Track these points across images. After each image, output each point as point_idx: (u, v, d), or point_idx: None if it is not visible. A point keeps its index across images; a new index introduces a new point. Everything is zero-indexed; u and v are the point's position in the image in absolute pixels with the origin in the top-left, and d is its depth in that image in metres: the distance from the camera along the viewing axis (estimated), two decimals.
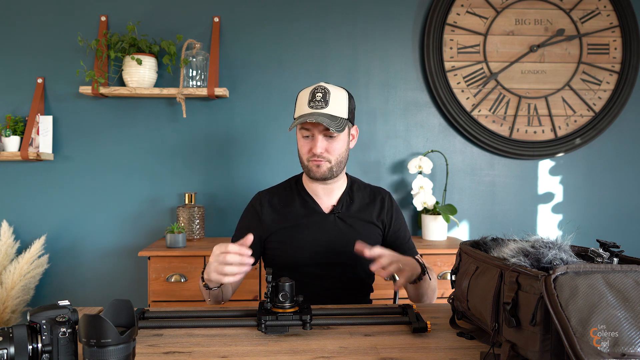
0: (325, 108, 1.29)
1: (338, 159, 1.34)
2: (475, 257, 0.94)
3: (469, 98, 2.36)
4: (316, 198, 1.41)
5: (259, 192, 1.48)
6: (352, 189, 1.45)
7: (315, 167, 1.33)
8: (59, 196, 2.28)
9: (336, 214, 1.39)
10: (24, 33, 2.28)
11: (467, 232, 2.42)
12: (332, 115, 1.29)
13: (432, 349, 0.92)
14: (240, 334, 1.00)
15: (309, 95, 1.31)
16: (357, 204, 1.43)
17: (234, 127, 2.33)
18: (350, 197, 1.43)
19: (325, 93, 1.30)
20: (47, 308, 0.77)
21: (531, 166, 2.43)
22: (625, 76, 2.37)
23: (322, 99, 1.30)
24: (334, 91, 1.32)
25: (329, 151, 1.33)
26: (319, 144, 1.31)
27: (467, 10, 2.36)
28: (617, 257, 0.79)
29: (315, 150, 1.31)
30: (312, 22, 2.35)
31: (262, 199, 1.43)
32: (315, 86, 1.33)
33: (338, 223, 1.39)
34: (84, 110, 2.29)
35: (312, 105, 1.30)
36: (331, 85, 1.34)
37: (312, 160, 1.33)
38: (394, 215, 1.45)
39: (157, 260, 1.94)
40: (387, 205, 1.45)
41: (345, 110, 1.33)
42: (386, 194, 1.48)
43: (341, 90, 1.35)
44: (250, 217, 1.43)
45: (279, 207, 1.41)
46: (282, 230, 1.39)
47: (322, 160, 1.33)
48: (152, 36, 2.27)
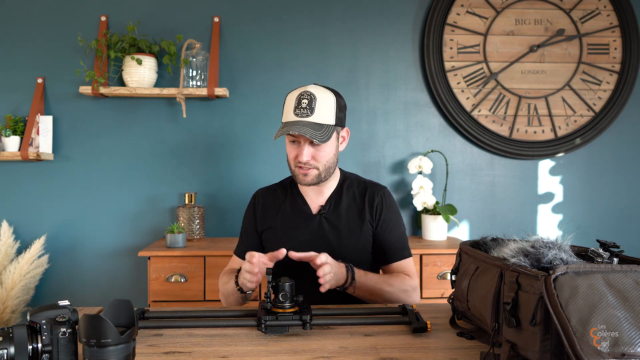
0: (310, 116, 1.27)
1: (326, 165, 1.33)
2: (475, 257, 0.94)
3: (469, 98, 2.36)
4: (307, 198, 1.42)
5: (258, 189, 1.51)
6: (342, 187, 1.42)
7: (303, 176, 1.33)
8: (59, 196, 2.28)
9: (322, 214, 1.38)
10: (24, 33, 2.28)
11: (467, 232, 2.42)
12: (317, 124, 1.27)
13: (432, 349, 0.92)
14: (240, 334, 1.00)
15: (295, 101, 1.29)
16: (345, 202, 1.40)
17: (234, 127, 2.33)
18: (339, 196, 1.41)
19: (311, 100, 1.28)
20: (47, 308, 0.77)
21: (531, 166, 2.43)
22: (625, 76, 2.37)
23: (307, 106, 1.27)
24: (320, 96, 1.29)
25: (316, 159, 1.31)
26: (305, 152, 1.29)
27: (467, 10, 2.36)
28: (617, 257, 0.79)
29: (301, 158, 1.30)
30: (312, 22, 2.35)
31: (258, 197, 1.47)
32: (301, 91, 1.30)
33: (323, 224, 1.38)
34: (84, 110, 2.29)
35: (297, 112, 1.28)
36: (320, 88, 1.32)
37: (299, 167, 1.33)
38: (384, 213, 1.40)
39: (157, 260, 1.94)
40: (377, 203, 1.40)
41: (332, 116, 1.30)
42: (379, 190, 1.43)
43: (328, 93, 1.31)
44: (249, 215, 1.47)
45: (271, 206, 1.44)
46: (270, 229, 1.41)
47: (310, 168, 1.32)
48: (152, 36, 2.27)
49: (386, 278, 1.32)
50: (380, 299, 1.29)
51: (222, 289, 1.37)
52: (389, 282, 1.31)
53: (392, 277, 1.33)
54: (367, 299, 1.30)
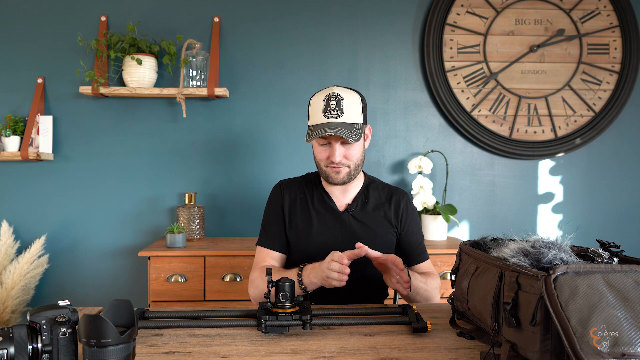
0: (341, 117, 1.29)
1: (356, 162, 1.36)
2: (475, 257, 0.94)
3: (469, 98, 2.36)
4: (332, 196, 1.43)
5: (281, 180, 1.50)
6: (369, 188, 1.46)
7: (335, 174, 1.35)
8: (59, 196, 2.28)
9: (350, 212, 1.41)
10: (24, 33, 2.28)
11: (467, 232, 2.42)
12: (349, 124, 1.29)
13: (432, 349, 0.92)
14: (240, 334, 1.00)
15: (323, 104, 1.30)
16: (372, 203, 1.43)
17: (234, 127, 2.33)
18: (366, 196, 1.44)
19: (339, 100, 1.30)
20: (47, 308, 0.77)
21: (531, 166, 2.43)
22: (625, 76, 2.37)
23: (336, 107, 1.29)
24: (347, 97, 1.31)
25: (348, 157, 1.34)
26: (337, 152, 1.32)
27: (467, 10, 2.36)
28: (617, 257, 0.79)
29: (334, 158, 1.32)
30: (312, 22, 2.35)
31: (284, 188, 1.46)
32: (328, 93, 1.32)
33: (351, 221, 1.40)
34: (84, 110, 2.29)
35: (327, 114, 1.30)
36: (343, 89, 1.34)
37: (331, 166, 1.35)
38: (408, 217, 1.45)
39: (157, 260, 1.94)
40: (403, 207, 1.44)
41: (360, 115, 1.33)
42: (404, 195, 1.47)
43: (354, 94, 1.34)
44: (274, 205, 1.45)
45: (298, 199, 1.44)
46: (296, 223, 1.41)
47: (342, 167, 1.34)
48: (152, 36, 2.27)
49: (424, 278, 1.35)
50: (419, 297, 1.32)
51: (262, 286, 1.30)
52: (426, 281, 1.34)
53: (426, 277, 1.36)
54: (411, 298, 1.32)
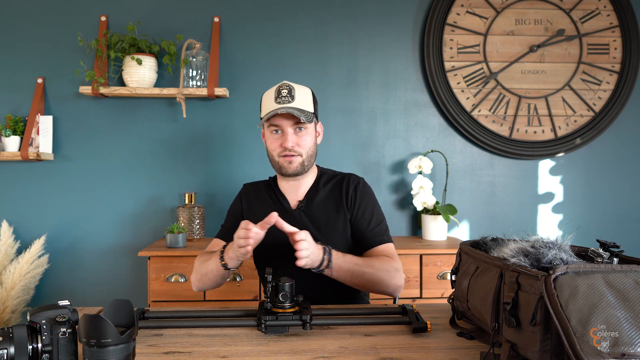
0: (292, 102, 1.34)
1: (308, 152, 1.38)
2: (475, 257, 0.94)
3: (469, 98, 2.36)
4: (286, 195, 1.45)
5: (245, 183, 1.56)
6: (319, 181, 1.46)
7: (288, 164, 1.37)
8: (59, 196, 2.28)
9: (301, 208, 1.41)
10: (24, 33, 2.27)
11: (467, 232, 2.42)
12: (300, 109, 1.33)
13: (432, 349, 0.92)
14: (240, 334, 1.00)
15: (275, 93, 1.36)
16: (323, 194, 1.43)
17: (234, 127, 2.33)
18: (316, 189, 1.44)
19: (290, 89, 1.36)
20: (47, 308, 0.77)
21: (531, 166, 2.43)
22: (625, 76, 2.37)
23: (288, 94, 1.35)
24: (298, 88, 1.37)
25: (300, 145, 1.36)
26: (290, 138, 1.35)
27: (467, 10, 2.36)
28: (617, 257, 0.79)
29: (287, 144, 1.34)
30: (312, 22, 2.35)
31: (244, 192, 1.52)
32: (279, 84, 1.38)
33: (302, 218, 1.40)
34: (84, 110, 2.29)
35: (279, 101, 1.34)
36: (294, 83, 1.40)
37: (284, 155, 1.37)
38: (357, 200, 1.41)
39: (157, 260, 1.94)
40: (352, 192, 1.42)
41: (310, 104, 1.38)
42: (354, 180, 1.45)
43: (305, 88, 1.40)
44: (236, 204, 1.52)
45: (255, 200, 1.48)
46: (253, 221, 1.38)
47: (294, 155, 1.36)
48: (152, 36, 2.27)
49: (366, 260, 1.30)
50: (362, 280, 1.27)
51: (199, 268, 1.34)
52: (369, 263, 1.29)
53: (372, 259, 1.31)
54: (349, 281, 1.28)
